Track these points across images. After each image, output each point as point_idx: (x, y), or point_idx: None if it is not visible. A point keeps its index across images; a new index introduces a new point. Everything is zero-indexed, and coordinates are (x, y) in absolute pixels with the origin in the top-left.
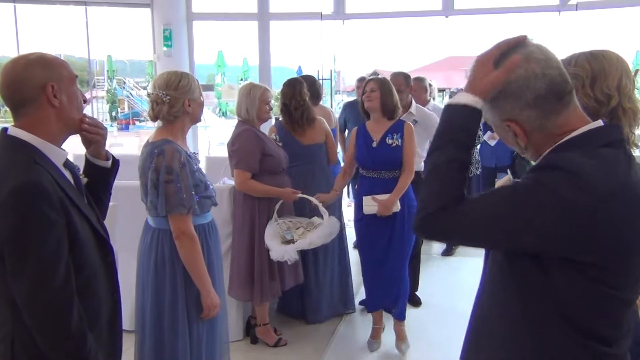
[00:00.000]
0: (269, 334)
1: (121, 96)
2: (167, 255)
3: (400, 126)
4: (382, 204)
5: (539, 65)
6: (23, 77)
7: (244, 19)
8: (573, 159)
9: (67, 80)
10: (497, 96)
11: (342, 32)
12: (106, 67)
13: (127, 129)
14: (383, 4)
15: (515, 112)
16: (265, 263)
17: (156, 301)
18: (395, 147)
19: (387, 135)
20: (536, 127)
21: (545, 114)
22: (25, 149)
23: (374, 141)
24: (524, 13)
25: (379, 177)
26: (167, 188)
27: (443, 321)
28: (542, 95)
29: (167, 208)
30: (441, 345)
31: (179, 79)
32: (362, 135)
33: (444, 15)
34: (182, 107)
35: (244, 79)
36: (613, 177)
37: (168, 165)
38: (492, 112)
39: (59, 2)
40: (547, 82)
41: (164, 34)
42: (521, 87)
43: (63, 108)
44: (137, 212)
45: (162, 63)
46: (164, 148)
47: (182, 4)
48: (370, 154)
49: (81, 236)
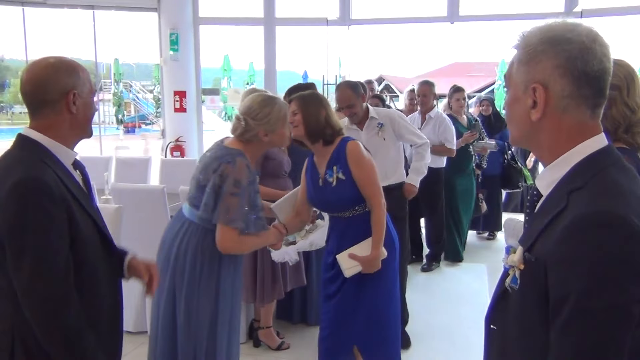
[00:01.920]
0: (272, 337)
1: (127, 99)
2: (191, 249)
3: (340, 152)
4: (365, 262)
5: (602, 49)
6: (49, 79)
7: (250, 23)
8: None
9: (87, 91)
10: (545, 50)
11: (348, 38)
12: (113, 70)
13: (133, 132)
14: (388, 9)
15: (552, 75)
16: (268, 265)
17: (172, 298)
18: (339, 185)
19: (326, 171)
20: (559, 106)
21: (578, 98)
22: (35, 148)
23: (320, 178)
24: (529, 20)
25: (339, 217)
26: (231, 200)
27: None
28: (589, 76)
29: (225, 219)
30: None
31: (262, 106)
32: (310, 169)
33: (449, 22)
34: (257, 135)
35: (250, 83)
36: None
37: (237, 179)
38: (526, 68)
39: (66, 6)
40: (601, 68)
41: (171, 37)
42: (578, 53)
43: (78, 116)
44: (142, 214)
45: (169, 67)
46: (237, 158)
47: (189, 8)
48: (317, 195)
49: (84, 235)
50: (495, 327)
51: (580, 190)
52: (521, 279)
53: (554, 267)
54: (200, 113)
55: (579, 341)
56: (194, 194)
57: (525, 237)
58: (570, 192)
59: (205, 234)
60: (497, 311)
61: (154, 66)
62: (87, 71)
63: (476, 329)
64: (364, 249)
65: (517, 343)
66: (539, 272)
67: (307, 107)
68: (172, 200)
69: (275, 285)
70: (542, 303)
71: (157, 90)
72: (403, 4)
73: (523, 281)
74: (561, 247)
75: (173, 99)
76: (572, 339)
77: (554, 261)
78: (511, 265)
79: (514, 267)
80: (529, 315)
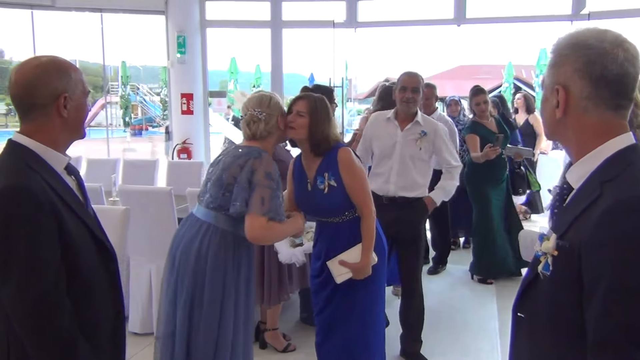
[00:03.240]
0: (278, 339)
1: (135, 102)
2: (212, 252)
3: (332, 159)
4: (356, 270)
5: (626, 54)
6: (39, 82)
7: (257, 26)
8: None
9: (80, 93)
10: (568, 54)
11: (354, 40)
12: (120, 73)
13: (140, 135)
14: (395, 12)
15: (572, 78)
16: (275, 266)
17: (191, 302)
18: (330, 192)
19: (317, 176)
20: (579, 106)
21: (596, 99)
22: (23, 153)
23: (308, 182)
24: (536, 22)
25: (328, 222)
26: (264, 191)
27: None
28: (607, 79)
29: (261, 210)
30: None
31: (270, 97)
32: (297, 171)
33: (456, 24)
34: (276, 123)
35: (257, 85)
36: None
37: (267, 171)
38: (553, 71)
39: (75, 9)
40: (621, 73)
41: (178, 40)
42: (596, 57)
43: (70, 119)
44: (149, 216)
45: (176, 69)
46: (262, 154)
47: (196, 11)
48: (306, 199)
49: (77, 242)
50: (522, 314)
51: (613, 181)
52: (554, 265)
53: (592, 250)
54: (207, 115)
55: (617, 319)
56: (212, 195)
57: (558, 225)
58: (604, 183)
59: (225, 235)
60: (525, 299)
61: (161, 69)
62: (80, 71)
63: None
64: (354, 255)
65: (549, 327)
66: (572, 258)
67: (316, 113)
68: (179, 202)
69: (282, 287)
70: (576, 287)
71: (164, 93)
72: (409, 7)
73: (556, 267)
74: (599, 230)
75: (180, 101)
76: (611, 317)
77: (592, 244)
78: (544, 252)
79: (547, 254)
80: (562, 299)
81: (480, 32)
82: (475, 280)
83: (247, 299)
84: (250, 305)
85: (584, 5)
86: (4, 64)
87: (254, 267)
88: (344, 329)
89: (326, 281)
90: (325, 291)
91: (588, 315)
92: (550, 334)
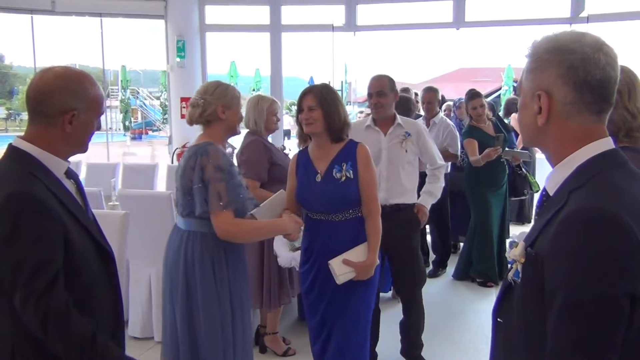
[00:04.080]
0: (278, 343)
1: (134, 106)
2: (197, 257)
3: (351, 151)
4: (361, 269)
5: (607, 58)
6: (52, 94)
7: (257, 30)
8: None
9: (91, 112)
10: (549, 59)
11: (354, 44)
12: (120, 77)
13: (140, 139)
14: (394, 16)
15: (555, 84)
16: (275, 270)
17: (187, 306)
18: (346, 182)
19: (333, 165)
20: (562, 112)
21: (580, 104)
22: (24, 159)
23: (318, 174)
24: (535, 25)
25: (329, 220)
26: (218, 186)
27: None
28: (590, 84)
29: (220, 205)
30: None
31: (217, 86)
32: (302, 165)
33: (455, 27)
34: (215, 112)
35: (256, 89)
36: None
37: (216, 164)
38: (533, 76)
39: (75, 13)
40: (604, 77)
41: (178, 44)
42: (579, 62)
43: (74, 135)
44: (149, 220)
45: (176, 73)
46: (208, 148)
47: (196, 15)
48: (313, 191)
49: (78, 246)
50: (501, 320)
51: (579, 189)
52: (522, 273)
53: (547, 261)
54: None
55: (570, 333)
56: (181, 202)
57: (530, 233)
58: (571, 192)
59: (205, 237)
60: (503, 304)
61: (160, 73)
62: (101, 92)
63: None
64: (357, 254)
65: (520, 334)
66: (537, 266)
67: (327, 102)
68: None
69: (282, 290)
70: (541, 296)
71: (164, 97)
72: (409, 10)
73: (524, 275)
74: (553, 241)
75: (180, 105)
76: (564, 331)
77: (547, 255)
78: (514, 260)
79: (517, 261)
80: (530, 308)
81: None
82: (475, 284)
83: (241, 297)
84: (246, 302)
85: (582, 8)
86: (4, 69)
87: (246, 262)
88: (341, 333)
89: (319, 283)
90: (319, 293)
91: (547, 324)
92: (523, 340)
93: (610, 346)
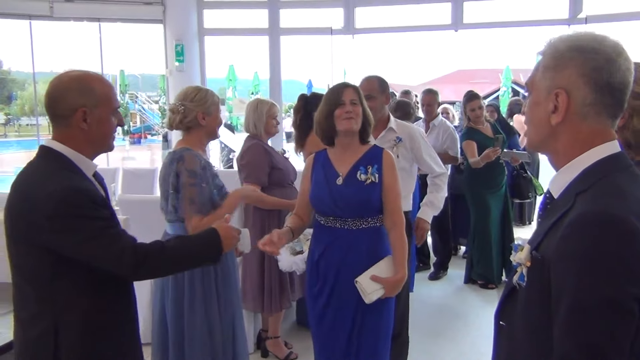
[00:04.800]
0: (280, 347)
1: (133, 110)
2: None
3: (377, 155)
4: (391, 285)
5: (626, 64)
6: (60, 95)
7: (255, 34)
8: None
9: (102, 107)
10: (572, 57)
11: (352, 47)
12: (119, 82)
13: (139, 143)
14: (393, 18)
15: (576, 83)
16: (276, 274)
17: (175, 310)
18: (370, 185)
19: (358, 167)
20: (579, 113)
21: (599, 106)
22: (59, 159)
23: (340, 176)
24: (534, 27)
25: (344, 228)
26: (191, 191)
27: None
28: (612, 87)
29: (192, 209)
30: None
31: (197, 92)
32: (321, 167)
33: (453, 29)
34: (195, 118)
35: (255, 92)
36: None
37: (190, 169)
38: (551, 74)
39: (73, 19)
40: (624, 82)
41: (176, 49)
42: (604, 64)
43: (91, 131)
44: (150, 225)
45: (174, 77)
46: (183, 154)
47: (194, 19)
48: (332, 195)
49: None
50: (504, 323)
51: (585, 192)
52: (528, 276)
53: (554, 264)
54: None
55: (577, 337)
56: (165, 208)
57: (534, 236)
58: (577, 194)
59: None
60: (506, 308)
61: (159, 77)
62: (110, 87)
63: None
64: (381, 270)
65: (524, 338)
66: (543, 270)
67: (362, 99)
68: None
69: (283, 294)
70: (547, 300)
71: (162, 101)
72: (407, 13)
73: (530, 278)
74: (561, 244)
75: None
76: (571, 335)
77: (554, 258)
78: (519, 263)
79: (522, 264)
80: (535, 312)
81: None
82: (477, 286)
83: (231, 298)
84: (236, 303)
85: (580, 9)
86: (3, 74)
87: (235, 264)
88: (372, 353)
89: (335, 309)
90: (336, 319)
91: (554, 327)
92: (527, 344)
93: (618, 351)
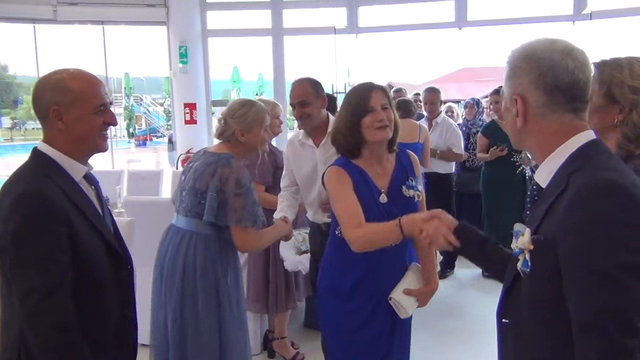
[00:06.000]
0: (287, 348)
1: (138, 113)
2: (200, 261)
3: (406, 160)
4: (425, 295)
5: (575, 63)
6: (37, 95)
7: (259, 34)
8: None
9: (80, 106)
10: (522, 67)
11: (356, 46)
12: (123, 85)
13: (145, 145)
14: (396, 17)
15: (528, 89)
16: (281, 274)
17: (181, 310)
18: (418, 202)
19: (399, 180)
20: (537, 114)
21: (552, 106)
22: (43, 161)
23: (382, 192)
24: (538, 23)
25: (389, 246)
26: (237, 201)
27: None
28: (559, 88)
29: (235, 219)
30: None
31: (239, 107)
32: (362, 182)
33: (457, 27)
34: (234, 134)
35: (259, 93)
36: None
37: (238, 179)
38: (509, 83)
39: (77, 22)
40: (572, 80)
41: (180, 50)
42: (547, 70)
43: (70, 131)
44: (154, 226)
45: (179, 79)
46: (230, 161)
47: (197, 21)
48: (380, 214)
49: (88, 249)
50: (507, 320)
51: (579, 171)
52: (532, 261)
53: (564, 237)
54: (211, 125)
55: (596, 302)
56: (191, 203)
57: (532, 220)
58: (570, 175)
59: (209, 240)
60: (508, 303)
61: (164, 79)
62: (93, 85)
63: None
64: (410, 282)
65: (535, 326)
66: (548, 250)
67: (391, 101)
68: None
69: (288, 295)
70: (556, 279)
71: (167, 103)
72: (410, 11)
73: (534, 262)
74: (565, 218)
75: (183, 111)
76: (589, 302)
77: (564, 232)
78: (521, 249)
79: (524, 250)
80: (546, 294)
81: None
82: (487, 282)
83: (238, 302)
84: (242, 308)
85: (585, 5)
86: (8, 79)
87: (240, 269)
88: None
89: (379, 323)
90: (379, 331)
91: (569, 303)
92: (538, 334)
93: (638, 310)
